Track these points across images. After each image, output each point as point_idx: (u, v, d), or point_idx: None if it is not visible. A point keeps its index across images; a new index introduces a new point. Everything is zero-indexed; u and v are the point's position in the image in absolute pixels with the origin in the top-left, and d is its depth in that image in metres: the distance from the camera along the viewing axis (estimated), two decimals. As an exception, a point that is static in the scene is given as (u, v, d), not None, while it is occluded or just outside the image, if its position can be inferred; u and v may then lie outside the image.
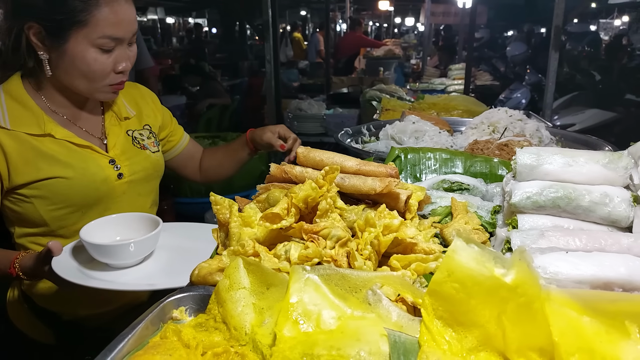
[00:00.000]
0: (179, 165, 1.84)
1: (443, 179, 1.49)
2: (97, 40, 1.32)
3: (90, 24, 1.30)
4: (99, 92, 1.41)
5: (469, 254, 0.75)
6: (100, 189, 1.45)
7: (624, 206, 1.06)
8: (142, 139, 1.59)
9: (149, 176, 1.60)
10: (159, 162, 1.65)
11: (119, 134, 1.54)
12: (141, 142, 1.58)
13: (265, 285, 0.85)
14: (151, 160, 1.59)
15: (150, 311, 0.81)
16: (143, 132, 1.61)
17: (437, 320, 0.76)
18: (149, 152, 1.59)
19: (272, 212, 1.00)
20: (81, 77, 1.36)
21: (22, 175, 1.35)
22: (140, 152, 1.57)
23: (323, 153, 1.26)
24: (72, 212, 1.44)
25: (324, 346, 0.73)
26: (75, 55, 1.32)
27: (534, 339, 0.71)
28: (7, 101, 1.38)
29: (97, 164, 1.45)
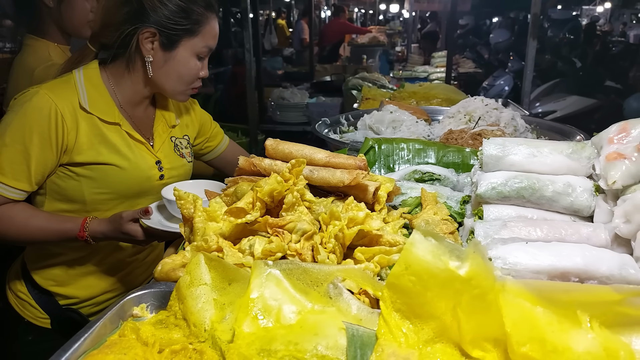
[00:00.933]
0: (220, 164, 1.96)
1: (415, 170, 1.50)
2: (200, 49, 1.48)
3: (199, 34, 1.47)
4: (182, 94, 1.55)
5: (426, 247, 0.76)
6: (144, 185, 1.56)
7: (586, 196, 1.07)
8: (182, 147, 1.70)
9: (180, 181, 1.69)
10: (190, 171, 1.77)
11: (165, 139, 1.64)
12: (181, 150, 1.69)
13: (227, 280, 0.85)
14: (186, 169, 1.71)
15: (109, 309, 0.81)
16: (182, 141, 1.72)
17: (395, 312, 0.77)
18: (185, 161, 1.70)
19: (237, 207, 0.99)
20: (178, 79, 1.50)
21: (82, 155, 1.43)
22: (179, 159, 1.67)
23: (292, 145, 1.26)
24: (112, 199, 1.53)
25: (282, 341, 0.73)
26: (181, 60, 1.47)
27: (488, 330, 0.73)
28: (85, 84, 1.46)
29: (146, 162, 1.55)
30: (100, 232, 1.41)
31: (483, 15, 13.09)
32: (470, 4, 10.63)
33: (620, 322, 0.73)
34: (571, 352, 0.69)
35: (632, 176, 0.97)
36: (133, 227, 1.37)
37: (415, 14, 14.34)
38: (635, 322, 0.72)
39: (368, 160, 1.71)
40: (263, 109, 4.99)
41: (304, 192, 1.13)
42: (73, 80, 1.45)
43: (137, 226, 1.37)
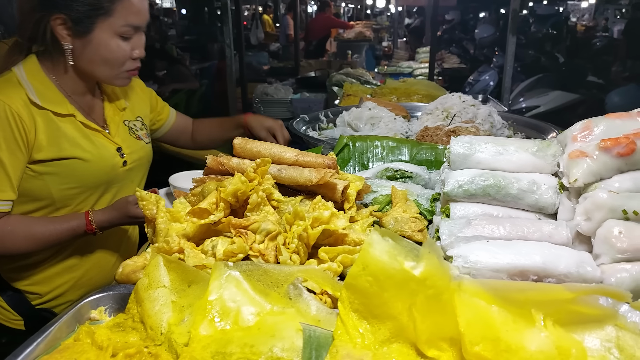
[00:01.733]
0: (172, 139, 1.94)
1: (387, 167, 1.50)
2: (120, 29, 1.40)
3: (114, 13, 1.38)
4: (117, 78, 1.49)
5: (383, 247, 0.76)
6: (110, 174, 1.53)
7: (550, 193, 1.08)
8: (137, 129, 1.66)
9: (143, 165, 1.69)
10: (151, 152, 1.74)
11: (119, 124, 1.61)
12: (136, 133, 1.65)
13: (187, 282, 0.85)
14: (146, 151, 1.68)
15: (65, 312, 0.80)
16: (136, 122, 1.68)
17: (353, 313, 0.77)
18: (143, 143, 1.66)
19: (200, 207, 0.99)
20: (104, 64, 1.43)
21: (43, 152, 1.39)
22: (137, 142, 1.64)
23: (260, 144, 1.25)
24: (81, 193, 1.50)
25: (238, 344, 0.73)
26: (100, 43, 1.39)
27: (444, 330, 0.73)
28: (29, 79, 1.40)
29: (108, 150, 1.52)
30: (107, 220, 1.43)
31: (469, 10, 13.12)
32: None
33: (573, 320, 0.73)
34: (524, 351, 0.69)
35: (593, 174, 0.98)
36: (139, 211, 1.38)
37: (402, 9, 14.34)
38: (588, 320, 0.73)
39: (343, 158, 1.71)
40: (248, 104, 4.97)
41: (272, 191, 1.12)
42: (15, 78, 1.39)
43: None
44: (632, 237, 0.86)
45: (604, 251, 0.88)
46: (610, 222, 0.89)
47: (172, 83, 6.42)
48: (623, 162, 0.97)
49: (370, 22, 14.62)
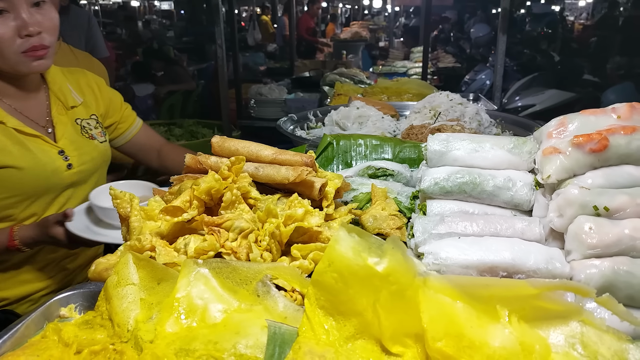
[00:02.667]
0: (133, 151, 1.82)
1: (368, 166, 1.50)
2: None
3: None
4: (17, 64, 1.35)
5: (348, 243, 0.76)
6: (50, 180, 1.46)
7: (526, 190, 1.08)
8: (90, 128, 1.59)
9: (97, 166, 1.61)
10: (107, 151, 1.65)
11: (67, 124, 1.52)
12: (89, 132, 1.58)
13: (157, 280, 0.85)
14: (99, 150, 1.59)
15: (33, 310, 0.80)
16: (90, 121, 1.60)
17: (319, 309, 0.77)
18: (97, 142, 1.59)
19: (173, 205, 0.99)
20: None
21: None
22: (88, 143, 1.56)
23: (238, 142, 1.25)
24: (21, 201, 1.44)
25: (202, 341, 0.72)
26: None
27: (408, 326, 0.73)
28: None
29: (47, 155, 1.44)
30: (30, 237, 1.36)
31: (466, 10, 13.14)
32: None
33: (538, 316, 0.73)
34: (487, 347, 0.69)
35: (566, 170, 0.98)
36: (58, 231, 1.32)
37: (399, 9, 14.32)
38: (553, 316, 0.73)
39: (326, 156, 1.71)
40: (241, 105, 4.97)
41: (248, 189, 1.12)
42: None
43: (62, 230, 1.32)
44: (601, 233, 0.86)
45: (575, 247, 0.88)
46: (581, 218, 0.89)
47: (168, 84, 6.43)
48: (596, 159, 0.97)
49: (367, 22, 14.64)
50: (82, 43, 3.54)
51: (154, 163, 1.88)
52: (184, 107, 6.11)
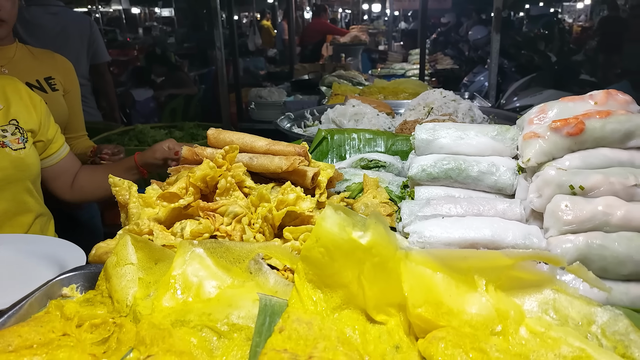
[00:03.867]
0: (49, 177, 1.68)
1: (361, 157, 1.54)
2: None
3: None
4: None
5: (334, 220, 0.80)
6: None
7: (509, 175, 1.12)
8: (4, 135, 1.46)
9: (9, 177, 1.46)
10: (24, 160, 1.48)
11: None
12: (1, 140, 1.45)
13: (154, 260, 0.89)
14: (12, 159, 1.44)
15: (36, 290, 0.84)
16: (8, 127, 1.48)
17: (308, 283, 0.81)
18: (8, 150, 1.44)
19: (170, 192, 1.03)
20: None
21: None
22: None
23: (233, 134, 1.30)
24: None
25: (197, 313, 0.77)
26: None
27: (391, 296, 0.77)
28: None
29: None
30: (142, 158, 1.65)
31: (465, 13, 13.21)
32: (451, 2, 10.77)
33: (514, 285, 0.78)
34: (465, 314, 0.74)
35: (545, 154, 1.02)
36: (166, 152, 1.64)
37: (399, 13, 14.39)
38: (527, 285, 0.77)
39: (321, 150, 1.76)
40: (239, 107, 5.02)
41: (243, 178, 1.16)
42: None
43: None
44: (576, 209, 0.90)
45: (552, 224, 0.92)
46: (558, 197, 0.93)
47: (171, 88, 6.51)
48: (573, 142, 1.01)
49: (367, 26, 14.72)
50: (85, 48, 3.61)
51: (66, 192, 1.74)
52: (186, 111, 6.18)
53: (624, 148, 1.00)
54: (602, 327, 0.69)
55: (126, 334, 0.75)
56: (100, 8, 16.78)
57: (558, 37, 8.38)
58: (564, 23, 9.32)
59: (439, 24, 12.79)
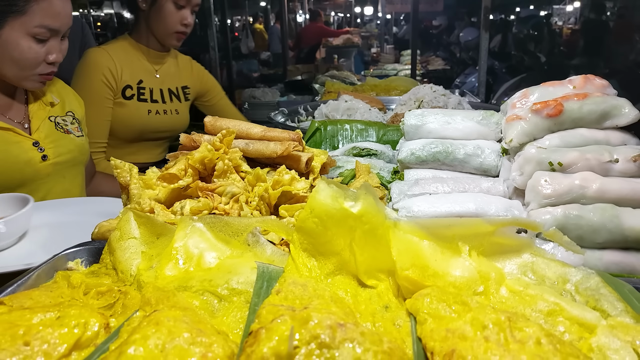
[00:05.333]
0: None
1: (353, 146, 1.60)
2: (33, 30, 1.39)
3: (28, 13, 1.37)
4: (27, 81, 1.47)
5: (327, 192, 0.85)
6: (25, 171, 1.50)
7: (493, 157, 1.18)
8: (66, 124, 1.65)
9: (74, 159, 1.65)
10: (84, 146, 1.69)
11: (43, 119, 1.59)
12: (65, 127, 1.63)
13: (156, 235, 0.94)
14: (76, 144, 1.64)
15: (43, 263, 0.88)
16: (66, 118, 1.66)
17: (303, 252, 0.86)
18: (73, 136, 1.64)
19: (169, 173, 1.08)
20: (12, 63, 1.42)
21: None
22: (64, 136, 1.62)
23: (230, 121, 1.34)
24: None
25: (198, 280, 0.81)
26: (9, 42, 1.38)
27: (380, 262, 0.82)
28: None
29: (19, 146, 1.49)
30: None
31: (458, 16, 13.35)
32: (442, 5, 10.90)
33: (495, 251, 0.83)
34: (449, 276, 0.79)
35: (526, 134, 1.08)
36: None
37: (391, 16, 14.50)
38: (507, 250, 0.83)
39: (315, 141, 1.81)
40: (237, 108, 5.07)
41: (239, 163, 1.21)
42: None
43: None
44: (555, 184, 0.96)
45: (532, 198, 0.97)
46: (538, 173, 0.99)
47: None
48: (552, 122, 1.07)
49: (359, 29, 14.83)
50: (77, 51, 3.65)
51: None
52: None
53: (600, 128, 1.06)
54: (575, 285, 0.74)
55: (131, 300, 0.79)
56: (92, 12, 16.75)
57: (548, 38, 8.51)
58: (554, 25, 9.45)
59: (431, 26, 12.92)
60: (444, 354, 0.57)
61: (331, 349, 0.53)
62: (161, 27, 2.13)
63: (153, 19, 2.11)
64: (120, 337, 0.64)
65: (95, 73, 2.06)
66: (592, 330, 0.65)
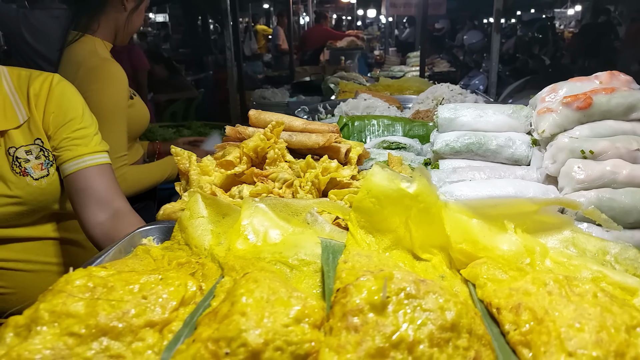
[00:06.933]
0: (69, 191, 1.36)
1: (383, 140, 1.68)
2: None
3: None
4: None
5: (383, 175, 0.93)
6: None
7: (524, 147, 1.26)
8: (27, 159, 1.27)
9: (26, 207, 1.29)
10: (44, 190, 1.30)
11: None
12: (23, 165, 1.26)
13: (221, 214, 1.02)
14: (32, 190, 1.27)
15: (120, 240, 0.96)
16: (33, 148, 1.28)
17: (360, 229, 0.94)
18: (29, 179, 1.27)
19: (226, 160, 1.16)
20: None
21: None
22: (19, 180, 1.26)
23: (272, 114, 1.43)
24: None
25: (269, 252, 0.89)
26: None
27: (434, 238, 0.90)
28: None
29: None
30: None
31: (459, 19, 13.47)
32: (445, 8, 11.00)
33: (537, 228, 0.91)
34: (498, 249, 0.87)
35: (557, 126, 1.16)
36: None
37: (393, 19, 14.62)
38: (548, 227, 0.91)
39: (343, 136, 1.89)
40: (244, 109, 5.16)
41: (284, 153, 1.30)
42: None
43: None
44: (588, 170, 1.04)
45: (566, 183, 1.06)
46: (571, 160, 1.07)
47: (171, 92, 6.64)
48: (582, 114, 1.15)
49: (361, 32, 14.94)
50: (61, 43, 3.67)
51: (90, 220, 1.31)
52: (186, 114, 6.32)
53: (627, 120, 1.14)
54: (614, 256, 0.82)
55: (209, 270, 0.87)
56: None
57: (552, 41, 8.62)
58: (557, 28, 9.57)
59: (434, 29, 13.04)
60: (510, 307, 0.65)
61: (417, 298, 0.61)
62: (132, 29, 2.11)
63: (130, 20, 2.07)
64: (217, 297, 0.72)
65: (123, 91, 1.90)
66: (633, 293, 0.73)
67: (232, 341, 0.56)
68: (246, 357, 0.55)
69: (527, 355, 0.59)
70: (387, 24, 12.81)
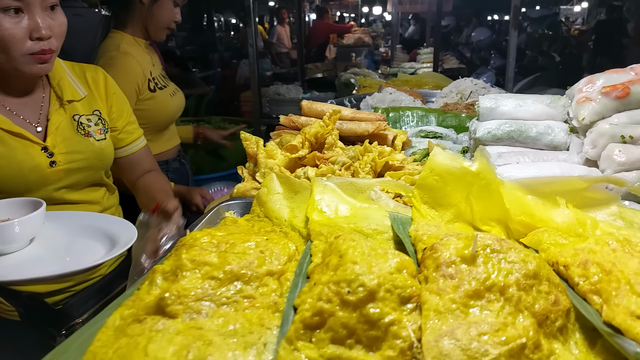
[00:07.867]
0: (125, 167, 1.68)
1: (420, 129, 1.78)
2: None
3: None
4: (21, 64, 1.29)
5: (445, 155, 1.03)
6: (29, 178, 1.36)
7: (563, 134, 1.36)
8: (89, 125, 1.48)
9: (90, 166, 1.48)
10: (104, 151, 1.51)
11: (62, 120, 1.43)
12: (87, 129, 1.47)
13: (294, 191, 1.12)
14: (93, 149, 1.47)
15: (207, 213, 1.07)
16: (92, 117, 1.50)
17: (424, 205, 1.04)
18: (91, 141, 1.47)
19: (291, 144, 1.26)
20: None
21: None
22: (83, 140, 1.45)
23: (323, 105, 1.53)
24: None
25: (344, 222, 0.99)
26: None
27: (493, 212, 1.00)
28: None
29: (25, 152, 1.35)
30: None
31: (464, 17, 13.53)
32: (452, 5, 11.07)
33: (586, 204, 1.01)
34: (553, 221, 0.96)
35: (596, 114, 1.26)
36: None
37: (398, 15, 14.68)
38: (597, 203, 1.01)
39: (378, 126, 1.99)
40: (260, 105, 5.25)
41: (337, 139, 1.40)
42: None
43: None
44: (628, 153, 1.14)
45: (607, 166, 1.15)
46: (612, 145, 1.17)
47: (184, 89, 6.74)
48: (620, 103, 1.25)
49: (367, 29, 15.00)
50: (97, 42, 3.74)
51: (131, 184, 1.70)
52: (197, 110, 6.43)
53: (661, 108, 1.24)
54: (660, 227, 0.92)
55: (292, 238, 0.97)
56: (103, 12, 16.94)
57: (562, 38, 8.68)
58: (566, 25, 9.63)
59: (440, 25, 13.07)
60: (577, 263, 0.75)
61: (501, 252, 0.71)
62: (158, 22, 2.15)
63: (152, 13, 2.13)
64: (314, 254, 0.82)
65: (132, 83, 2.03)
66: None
67: (352, 282, 0.66)
68: (365, 296, 0.65)
69: (597, 300, 0.69)
70: (394, 21, 12.88)
